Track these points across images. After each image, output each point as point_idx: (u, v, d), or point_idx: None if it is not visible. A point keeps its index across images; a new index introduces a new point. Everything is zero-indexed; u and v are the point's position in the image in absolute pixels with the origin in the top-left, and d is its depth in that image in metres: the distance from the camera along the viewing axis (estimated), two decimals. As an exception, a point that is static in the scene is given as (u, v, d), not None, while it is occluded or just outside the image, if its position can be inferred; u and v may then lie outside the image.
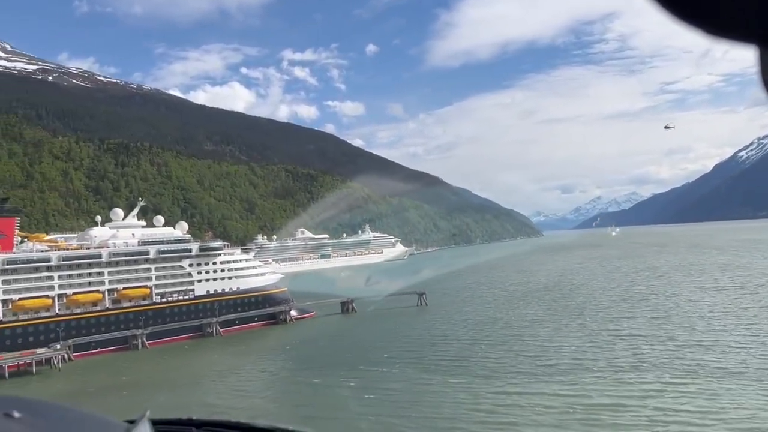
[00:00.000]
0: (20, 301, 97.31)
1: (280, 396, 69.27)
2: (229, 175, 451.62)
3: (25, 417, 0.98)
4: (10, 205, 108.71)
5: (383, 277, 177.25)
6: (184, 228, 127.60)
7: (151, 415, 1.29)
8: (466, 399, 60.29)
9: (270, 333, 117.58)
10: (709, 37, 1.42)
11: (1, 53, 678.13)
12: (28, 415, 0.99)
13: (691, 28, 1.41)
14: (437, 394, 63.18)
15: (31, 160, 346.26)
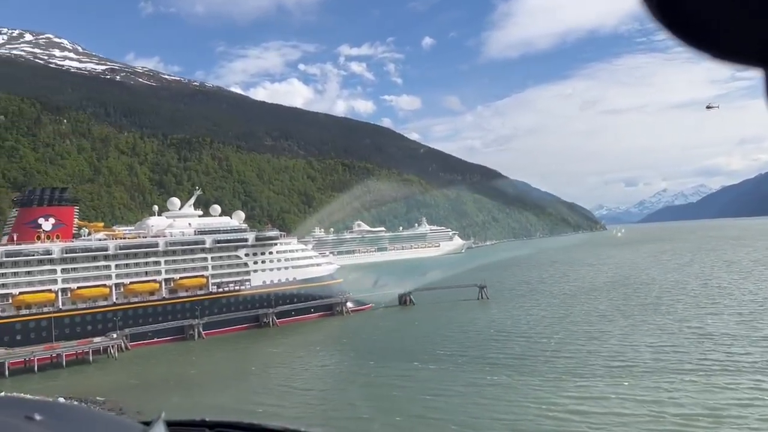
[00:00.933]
0: (79, 290, 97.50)
1: (336, 393, 65.60)
2: (287, 169, 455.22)
3: (46, 419, 1.03)
4: (70, 195, 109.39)
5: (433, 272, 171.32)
6: (241, 217, 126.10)
7: (167, 416, 1.35)
8: (536, 402, 54.87)
9: (326, 325, 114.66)
10: (715, 61, 1.43)
11: (73, 55, 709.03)
12: (49, 418, 1.04)
13: (697, 52, 1.41)
14: (504, 396, 58.02)
15: (99, 155, 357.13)
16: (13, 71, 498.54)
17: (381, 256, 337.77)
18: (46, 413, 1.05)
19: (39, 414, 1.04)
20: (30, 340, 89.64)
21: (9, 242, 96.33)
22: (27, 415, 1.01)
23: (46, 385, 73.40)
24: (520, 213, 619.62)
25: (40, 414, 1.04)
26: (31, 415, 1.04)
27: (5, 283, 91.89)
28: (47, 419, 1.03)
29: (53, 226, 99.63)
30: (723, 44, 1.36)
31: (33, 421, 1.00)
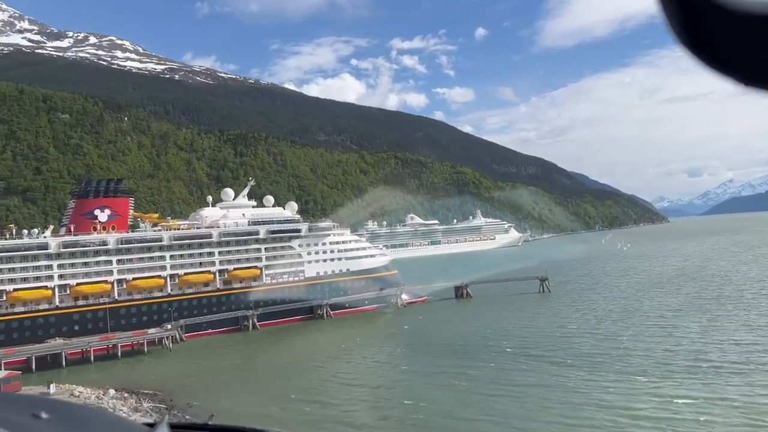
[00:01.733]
0: (134, 281, 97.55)
1: (391, 389, 62.15)
2: (340, 163, 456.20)
3: (52, 418, 1.05)
4: (125, 186, 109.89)
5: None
6: (294, 208, 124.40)
7: (170, 420, 1.36)
8: (610, 405, 50.08)
9: (381, 318, 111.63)
10: (740, 86, 1.42)
11: (135, 56, 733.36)
12: (55, 416, 1.05)
13: (722, 76, 1.39)
14: (576, 395, 53.35)
15: (158, 151, 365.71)
16: (79, 73, 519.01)
17: (434, 249, 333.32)
18: (52, 412, 1.07)
19: (45, 412, 1.06)
20: (87, 331, 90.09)
21: (66, 233, 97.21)
22: (34, 413, 1.05)
23: (100, 376, 73.05)
24: (578, 205, 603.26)
25: (47, 412, 1.07)
26: (37, 413, 1.06)
27: (63, 274, 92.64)
28: (53, 417, 1.06)
29: (109, 217, 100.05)
30: (749, 70, 1.34)
31: (39, 419, 1.04)
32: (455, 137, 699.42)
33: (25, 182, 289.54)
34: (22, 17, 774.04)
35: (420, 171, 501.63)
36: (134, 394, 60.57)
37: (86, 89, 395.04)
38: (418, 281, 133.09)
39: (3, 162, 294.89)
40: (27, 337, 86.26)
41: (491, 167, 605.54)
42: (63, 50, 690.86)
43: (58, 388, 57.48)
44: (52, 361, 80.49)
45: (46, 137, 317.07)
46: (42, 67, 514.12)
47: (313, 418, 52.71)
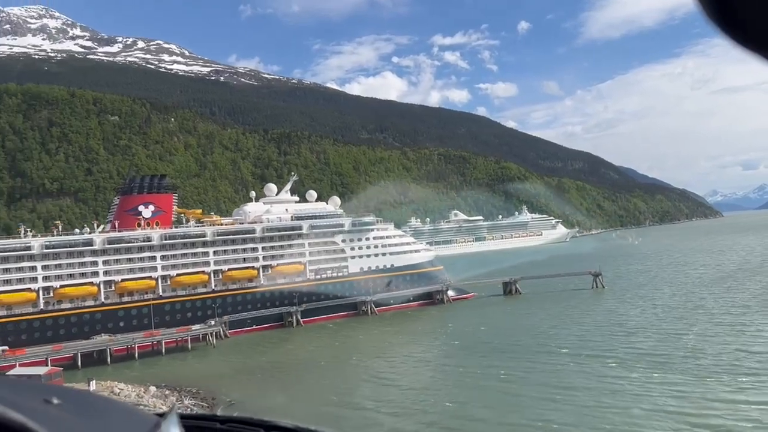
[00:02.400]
0: (178, 276, 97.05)
1: (438, 389, 59.02)
2: (383, 160, 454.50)
3: (63, 403, 1.08)
4: (168, 182, 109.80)
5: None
6: (337, 203, 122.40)
7: (179, 410, 1.37)
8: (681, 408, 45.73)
9: (426, 314, 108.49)
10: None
11: (181, 59, 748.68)
12: (66, 402, 1.08)
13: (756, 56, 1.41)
14: (638, 399, 49.09)
15: (204, 151, 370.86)
16: (128, 76, 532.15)
17: (479, 246, 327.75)
18: (63, 398, 1.10)
19: (56, 398, 1.10)
20: (132, 327, 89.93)
21: (111, 230, 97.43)
22: (45, 399, 1.08)
23: (143, 373, 72.32)
24: (627, 200, 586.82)
25: (58, 398, 1.09)
26: (49, 398, 1.09)
27: (108, 270, 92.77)
28: (64, 403, 1.09)
29: (153, 213, 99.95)
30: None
31: (50, 404, 1.07)
32: (498, 132, 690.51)
33: (77, 183, 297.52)
34: (75, 24, 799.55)
35: (463, 167, 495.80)
36: (176, 391, 59.22)
37: (135, 92, 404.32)
38: (463, 278, 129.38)
39: (56, 164, 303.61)
40: (74, 334, 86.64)
41: (536, 162, 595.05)
42: (113, 55, 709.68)
43: (99, 385, 56.61)
44: (97, 358, 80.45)
45: (96, 139, 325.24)
46: (93, 72, 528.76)
47: (352, 419, 50.15)
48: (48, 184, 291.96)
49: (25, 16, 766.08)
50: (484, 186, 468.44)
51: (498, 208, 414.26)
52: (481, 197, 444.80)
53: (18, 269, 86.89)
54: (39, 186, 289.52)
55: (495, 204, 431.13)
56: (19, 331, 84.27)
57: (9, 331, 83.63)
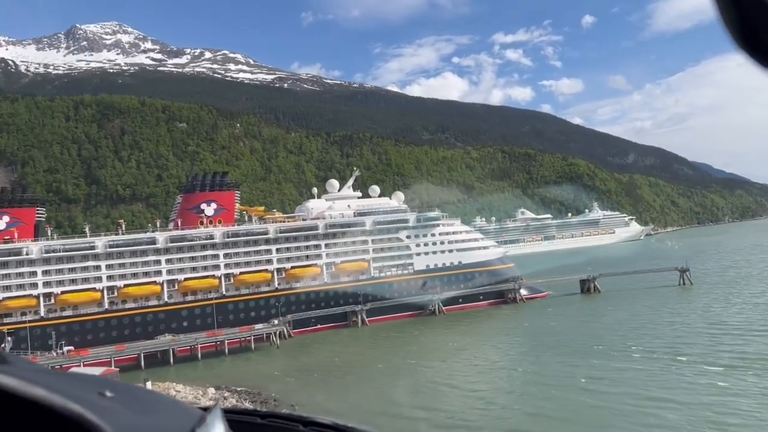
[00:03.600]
0: (241, 275, 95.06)
1: (510, 394, 53.88)
2: (445, 159, 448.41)
3: (116, 396, 1.14)
4: (230, 179, 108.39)
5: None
6: (400, 198, 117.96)
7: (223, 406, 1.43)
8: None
9: (497, 314, 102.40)
10: None
11: (246, 67, 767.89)
12: (118, 395, 1.15)
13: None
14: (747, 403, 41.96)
15: (269, 155, 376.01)
16: (196, 86, 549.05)
17: (548, 245, 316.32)
18: (116, 391, 1.17)
19: (109, 391, 1.16)
20: (195, 327, 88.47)
21: (174, 228, 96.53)
22: (99, 391, 1.14)
23: (205, 374, 70.20)
24: (704, 196, 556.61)
25: (111, 391, 1.16)
26: (102, 391, 1.16)
27: (171, 269, 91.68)
28: (116, 396, 1.15)
29: (215, 211, 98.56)
30: None
31: (104, 397, 1.13)
32: (564, 129, 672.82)
33: (148, 189, 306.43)
34: (146, 38, 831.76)
35: (529, 164, 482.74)
36: (236, 393, 56.24)
37: (203, 101, 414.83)
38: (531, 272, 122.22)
39: (128, 170, 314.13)
40: (137, 334, 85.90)
41: (605, 159, 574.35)
42: (182, 66, 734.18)
43: (155, 386, 54.26)
44: (161, 358, 79.09)
45: (165, 145, 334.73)
46: (163, 83, 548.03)
47: (417, 426, 45.45)
48: (121, 190, 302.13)
49: (100, 33, 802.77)
50: (551, 184, 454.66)
51: (567, 206, 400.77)
52: (548, 195, 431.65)
53: (83, 269, 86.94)
54: (113, 192, 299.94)
55: (563, 202, 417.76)
56: (84, 331, 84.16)
57: (75, 331, 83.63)
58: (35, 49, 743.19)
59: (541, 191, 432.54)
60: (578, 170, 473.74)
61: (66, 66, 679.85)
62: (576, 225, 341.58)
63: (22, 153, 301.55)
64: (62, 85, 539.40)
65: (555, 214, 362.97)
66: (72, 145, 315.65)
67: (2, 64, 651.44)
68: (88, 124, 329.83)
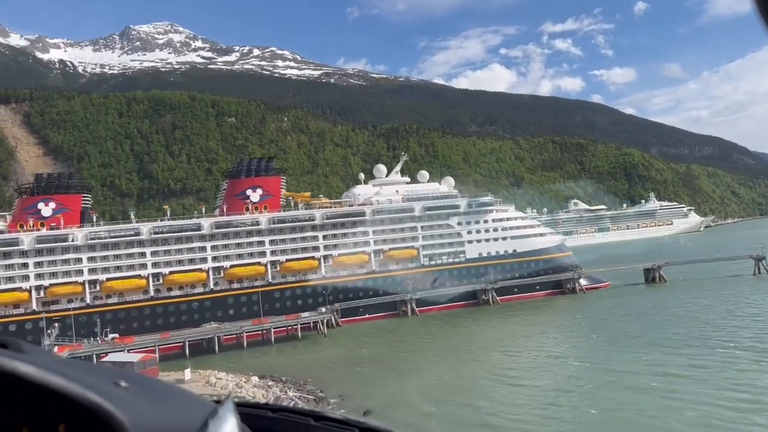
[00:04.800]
0: (287, 262, 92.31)
1: (570, 392, 48.47)
2: (493, 151, 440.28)
3: (130, 386, 1.17)
4: (276, 164, 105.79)
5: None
6: (450, 184, 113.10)
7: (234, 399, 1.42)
8: None
9: (556, 304, 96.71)
10: None
11: (293, 63, 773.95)
12: (133, 385, 1.18)
13: None
14: None
15: (316, 148, 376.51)
16: (245, 83, 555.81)
17: (602, 237, 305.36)
18: (130, 381, 1.20)
19: (124, 381, 1.19)
20: (241, 315, 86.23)
21: (220, 214, 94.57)
22: (114, 381, 1.17)
23: (250, 363, 67.58)
24: (767, 187, 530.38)
25: (125, 381, 1.19)
26: (117, 381, 1.19)
27: (217, 256, 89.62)
28: (131, 386, 1.18)
29: (261, 197, 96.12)
30: None
31: (119, 387, 1.16)
32: (616, 119, 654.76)
33: (198, 182, 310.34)
34: (196, 37, 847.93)
35: (581, 155, 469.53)
36: (280, 382, 53.08)
37: (251, 97, 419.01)
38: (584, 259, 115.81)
39: (179, 165, 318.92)
40: (183, 321, 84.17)
41: (659, 149, 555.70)
42: (231, 64, 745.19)
43: (196, 374, 51.73)
44: (206, 347, 77.02)
45: (215, 140, 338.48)
46: (213, 80, 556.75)
47: (467, 426, 41.16)
48: (172, 184, 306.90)
49: (153, 33, 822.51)
50: (604, 174, 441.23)
51: (621, 196, 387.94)
52: (601, 186, 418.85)
53: (128, 256, 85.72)
54: (164, 186, 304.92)
55: (617, 192, 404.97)
56: (129, 319, 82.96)
57: (120, 318, 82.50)
58: (92, 51, 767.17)
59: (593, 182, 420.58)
60: (632, 160, 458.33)
61: (120, 66, 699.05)
62: (631, 216, 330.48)
63: (78, 149, 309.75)
64: (117, 84, 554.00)
65: (609, 206, 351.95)
66: (125, 141, 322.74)
67: (61, 65, 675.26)
68: (141, 120, 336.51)
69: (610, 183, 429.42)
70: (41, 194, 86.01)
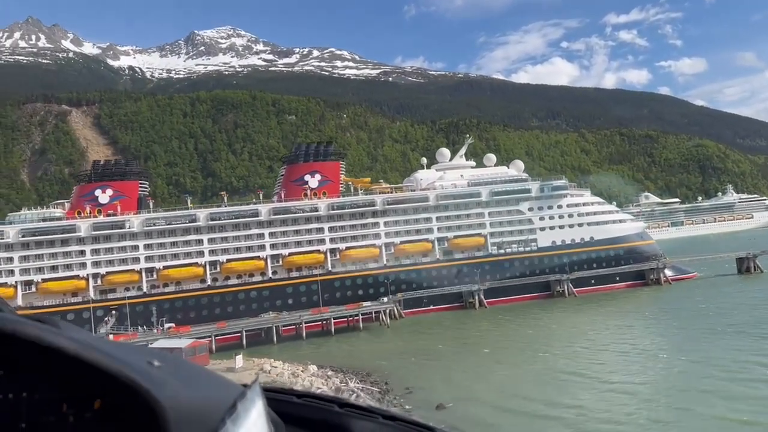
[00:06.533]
0: (347, 250, 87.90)
1: (657, 388, 42.50)
2: (558, 144, 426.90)
3: (163, 366, 1.21)
4: (335, 149, 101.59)
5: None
6: (520, 167, 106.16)
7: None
8: None
9: (639, 296, 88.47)
10: None
11: (352, 63, 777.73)
12: (166, 365, 1.22)
13: None
14: None
15: (375, 144, 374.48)
16: (305, 83, 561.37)
17: (676, 231, 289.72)
18: (163, 361, 1.24)
19: (157, 360, 1.23)
20: (300, 304, 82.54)
21: (278, 201, 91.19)
22: (148, 360, 1.21)
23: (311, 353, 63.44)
24: None
25: (159, 361, 1.23)
26: (151, 360, 1.23)
27: (275, 243, 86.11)
28: (164, 366, 1.22)
29: (319, 183, 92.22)
30: None
31: (153, 366, 1.20)
32: (686, 111, 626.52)
33: (260, 180, 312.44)
34: (258, 40, 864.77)
35: (650, 147, 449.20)
36: (340, 372, 48.49)
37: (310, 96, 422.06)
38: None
39: (241, 163, 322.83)
40: (241, 311, 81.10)
41: (734, 141, 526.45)
42: (291, 66, 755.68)
43: (249, 362, 47.71)
44: (265, 337, 73.59)
45: (275, 138, 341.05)
46: (274, 82, 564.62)
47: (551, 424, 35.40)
48: (235, 181, 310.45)
49: (216, 38, 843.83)
50: (675, 167, 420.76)
51: (694, 189, 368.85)
52: (673, 179, 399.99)
53: (185, 243, 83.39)
54: (227, 184, 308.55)
55: (690, 186, 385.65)
56: (186, 308, 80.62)
57: (177, 308, 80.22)
58: (159, 56, 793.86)
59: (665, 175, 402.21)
60: (707, 152, 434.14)
61: (186, 70, 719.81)
62: (707, 209, 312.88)
63: (144, 148, 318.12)
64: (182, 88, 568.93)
65: (682, 199, 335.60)
66: (189, 140, 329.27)
67: (130, 71, 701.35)
68: (204, 119, 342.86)
69: (682, 176, 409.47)
70: (98, 181, 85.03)
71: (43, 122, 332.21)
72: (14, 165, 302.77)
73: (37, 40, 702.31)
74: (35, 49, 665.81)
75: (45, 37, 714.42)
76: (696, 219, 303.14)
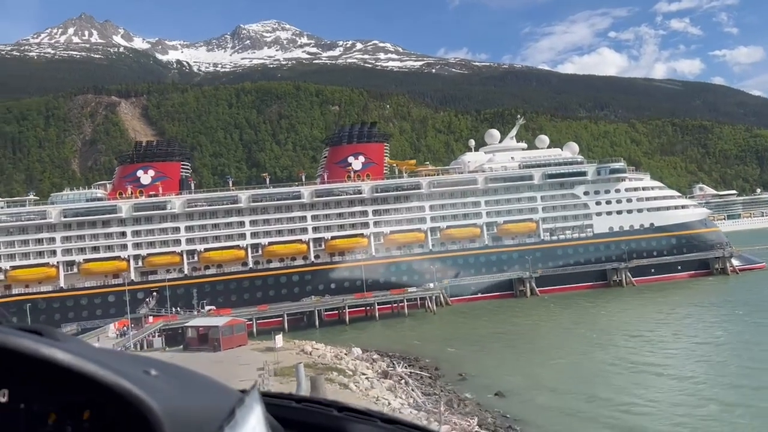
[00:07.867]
0: (391, 234, 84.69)
1: (724, 382, 38.79)
2: (607, 134, 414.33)
3: (160, 374, 1.21)
4: (379, 130, 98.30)
5: None
6: (574, 150, 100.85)
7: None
8: None
9: (704, 286, 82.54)
10: None
11: (395, 55, 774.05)
12: (162, 374, 1.22)
13: None
14: None
15: (418, 135, 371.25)
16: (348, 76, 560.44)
17: (732, 224, 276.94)
18: (160, 370, 1.23)
19: (154, 370, 1.23)
20: (343, 290, 79.79)
21: (321, 183, 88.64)
22: (145, 370, 1.21)
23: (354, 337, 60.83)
24: None
25: (156, 370, 1.23)
26: (148, 369, 1.22)
27: (317, 226, 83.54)
28: (161, 374, 1.22)
29: (363, 165, 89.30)
30: None
31: (149, 375, 1.20)
32: (742, 101, 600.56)
33: (304, 170, 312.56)
34: (302, 33, 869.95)
35: (705, 138, 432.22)
36: (386, 357, 45.39)
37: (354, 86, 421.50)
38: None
39: (285, 153, 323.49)
40: (283, 295, 78.89)
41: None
42: (335, 58, 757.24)
43: (289, 342, 44.99)
44: (306, 321, 71.22)
45: (319, 128, 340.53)
46: (317, 75, 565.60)
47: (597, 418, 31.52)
48: (279, 172, 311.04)
49: (261, 31, 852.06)
50: (731, 158, 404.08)
51: (752, 181, 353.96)
52: (729, 170, 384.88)
53: (226, 225, 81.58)
54: (271, 174, 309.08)
55: (747, 177, 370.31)
56: (227, 291, 79.00)
57: (218, 291, 78.58)
58: (206, 51, 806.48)
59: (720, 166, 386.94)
60: (765, 142, 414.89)
61: (232, 64, 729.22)
62: (767, 202, 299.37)
63: (191, 139, 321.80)
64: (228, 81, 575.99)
65: (739, 191, 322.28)
66: (234, 130, 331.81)
67: (178, 65, 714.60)
68: (249, 110, 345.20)
69: (739, 167, 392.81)
70: (141, 162, 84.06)
71: (94, 113, 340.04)
72: (66, 155, 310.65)
73: (90, 35, 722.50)
74: (88, 44, 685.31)
75: (97, 33, 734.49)
76: (754, 211, 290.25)
